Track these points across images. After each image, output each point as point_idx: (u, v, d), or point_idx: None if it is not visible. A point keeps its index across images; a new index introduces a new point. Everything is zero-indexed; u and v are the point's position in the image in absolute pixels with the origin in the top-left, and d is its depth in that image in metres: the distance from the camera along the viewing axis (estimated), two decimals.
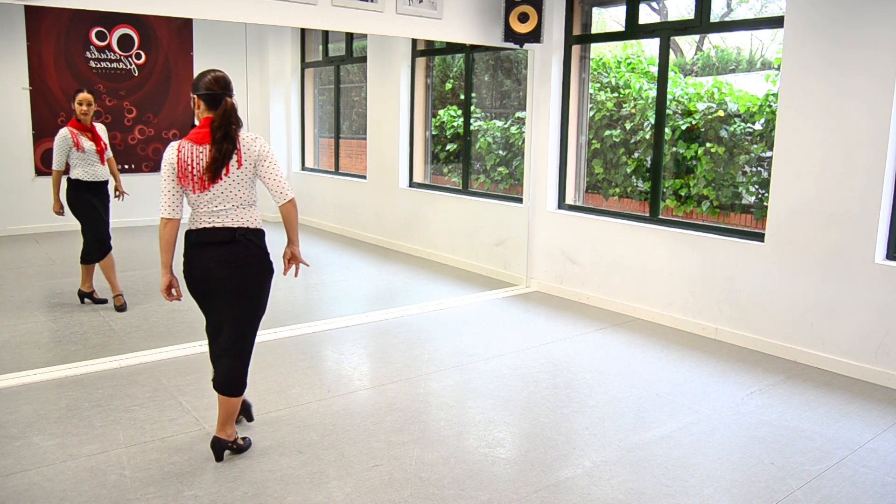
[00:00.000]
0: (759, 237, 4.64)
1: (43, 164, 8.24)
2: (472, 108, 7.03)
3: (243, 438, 3.12)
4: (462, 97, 7.16)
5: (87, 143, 4.93)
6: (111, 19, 8.41)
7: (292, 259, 3.16)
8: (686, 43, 6.77)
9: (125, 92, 8.68)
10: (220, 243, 2.89)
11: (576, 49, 5.83)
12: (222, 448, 3.00)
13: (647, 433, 3.38)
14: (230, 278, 2.91)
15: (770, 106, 5.10)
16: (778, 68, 4.65)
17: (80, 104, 4.89)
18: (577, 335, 4.88)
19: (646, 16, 5.98)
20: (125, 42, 8.60)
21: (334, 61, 8.92)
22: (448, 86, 7.77)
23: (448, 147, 7.58)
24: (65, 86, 8.27)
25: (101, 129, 5.13)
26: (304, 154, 9.65)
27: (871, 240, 4.07)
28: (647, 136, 5.79)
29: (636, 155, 5.95)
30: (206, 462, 3.00)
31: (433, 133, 7.69)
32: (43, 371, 3.94)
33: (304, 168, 9.64)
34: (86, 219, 5.07)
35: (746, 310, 4.68)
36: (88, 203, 5.03)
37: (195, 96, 2.90)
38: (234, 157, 2.86)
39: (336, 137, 9.07)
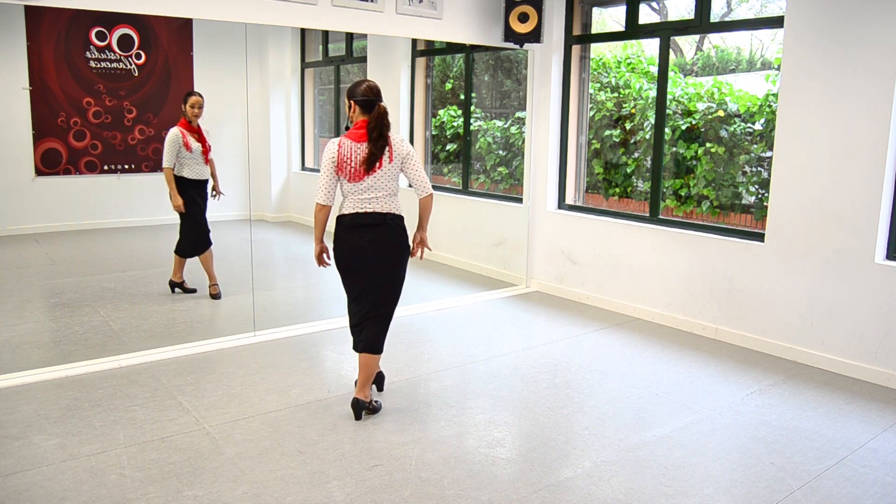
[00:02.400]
0: (759, 237, 4.64)
1: (43, 164, 8.25)
2: (472, 108, 7.03)
3: (376, 401, 3.54)
4: (462, 97, 7.16)
5: (195, 144, 5.21)
6: (111, 19, 8.41)
7: (420, 242, 3.64)
8: (686, 43, 6.77)
9: (125, 92, 8.67)
10: (372, 225, 3.37)
11: (576, 49, 5.83)
12: (361, 408, 3.44)
13: (647, 433, 3.38)
14: (380, 255, 3.38)
15: (770, 106, 5.09)
16: (778, 68, 4.65)
17: (193, 107, 5.20)
18: (577, 335, 4.88)
19: (646, 16, 5.97)
20: (125, 42, 8.60)
21: (334, 61, 8.92)
22: (448, 86, 7.76)
23: (448, 147, 7.57)
24: (65, 86, 8.27)
25: (205, 130, 5.39)
26: (304, 154, 9.65)
27: (871, 240, 4.07)
28: (647, 136, 5.79)
29: (636, 155, 5.95)
30: (206, 462, 3.00)
31: (433, 133, 7.69)
32: (43, 371, 3.94)
33: (304, 168, 9.63)
34: (188, 215, 5.32)
35: (746, 310, 4.68)
36: (192, 200, 5.30)
37: (352, 101, 3.39)
38: (387, 154, 3.35)
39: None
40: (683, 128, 5.58)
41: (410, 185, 3.52)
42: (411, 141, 7.56)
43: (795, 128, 4.34)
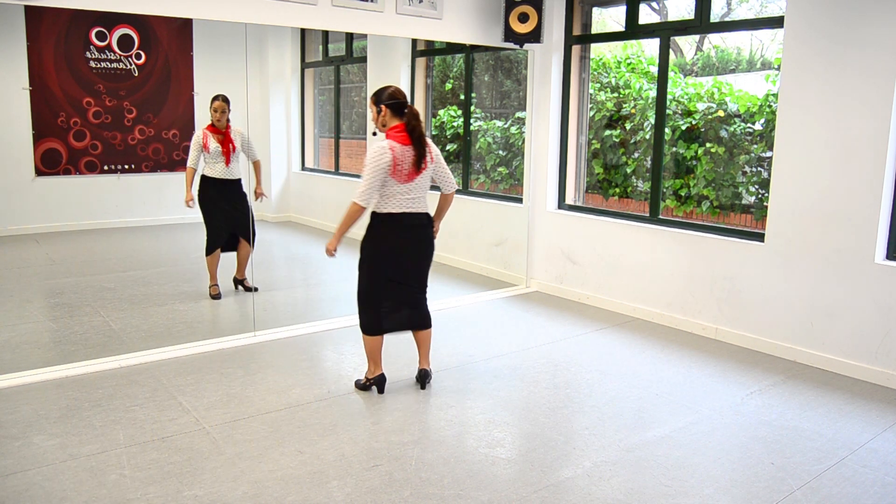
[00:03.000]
0: (759, 237, 4.64)
1: (43, 165, 8.25)
2: (472, 108, 7.03)
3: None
4: (462, 97, 7.16)
5: (214, 145, 5.40)
6: (111, 19, 8.41)
7: (435, 231, 3.85)
8: (686, 43, 6.77)
9: (125, 92, 8.67)
10: (418, 226, 3.63)
11: (576, 49, 5.83)
12: (428, 376, 3.84)
13: (647, 433, 3.38)
14: (421, 252, 3.70)
15: (770, 106, 5.09)
16: (778, 68, 4.65)
17: (216, 111, 5.43)
18: (577, 335, 4.88)
19: (646, 16, 5.97)
20: (125, 42, 8.60)
21: (334, 61, 8.92)
22: (448, 86, 7.76)
23: (448, 147, 7.57)
24: (65, 86, 8.27)
25: (235, 133, 5.57)
26: (304, 154, 9.65)
27: (871, 240, 4.07)
28: (647, 136, 5.79)
29: (636, 155, 5.95)
30: (206, 462, 3.00)
31: (433, 133, 7.69)
32: (43, 371, 3.94)
33: (303, 168, 9.63)
34: (204, 214, 5.51)
35: (746, 310, 4.68)
36: (210, 200, 5.48)
37: (382, 106, 3.54)
38: (428, 154, 3.55)
39: (336, 137, 9.06)
40: (683, 128, 5.58)
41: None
42: None
43: (795, 128, 4.34)
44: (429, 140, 3.62)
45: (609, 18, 6.36)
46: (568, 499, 2.79)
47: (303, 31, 9.29)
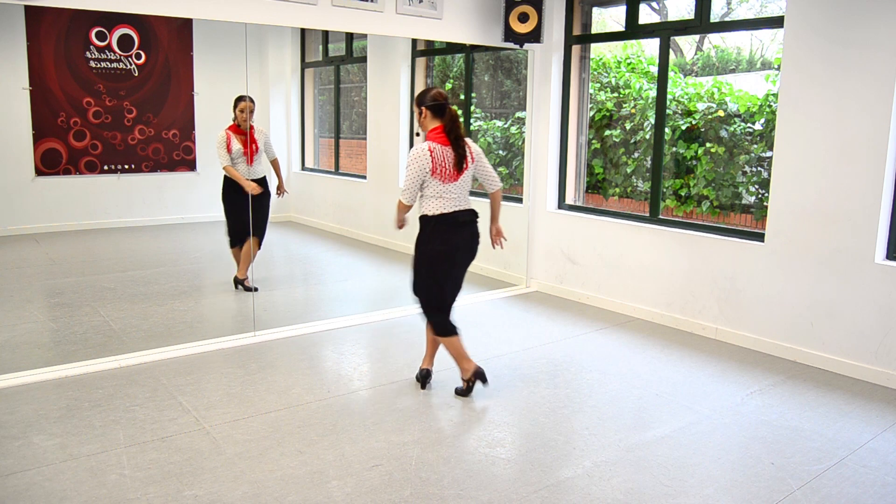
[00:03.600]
0: (759, 237, 4.64)
1: (43, 165, 8.25)
2: (472, 108, 7.03)
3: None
4: (462, 97, 7.16)
5: (237, 146, 5.50)
6: (111, 19, 8.41)
7: (498, 233, 3.90)
8: (686, 43, 6.77)
9: (125, 92, 8.67)
10: (469, 222, 3.68)
11: (576, 49, 5.83)
12: (429, 376, 3.89)
13: (647, 433, 3.38)
14: (473, 247, 3.72)
15: (770, 106, 5.10)
16: (778, 68, 4.65)
17: (242, 112, 5.50)
18: (577, 335, 4.88)
19: (646, 16, 5.97)
20: (125, 42, 8.60)
21: (334, 61, 8.92)
22: (448, 86, 7.76)
23: None
24: (65, 86, 8.27)
25: (259, 132, 5.68)
26: (304, 154, 9.65)
27: (871, 240, 4.07)
28: (647, 136, 5.79)
29: (636, 155, 5.95)
30: (206, 462, 3.00)
31: None
32: (43, 371, 3.94)
33: (304, 168, 9.63)
34: (225, 210, 5.72)
35: (746, 310, 4.68)
36: (231, 198, 5.64)
37: (423, 108, 3.61)
38: (469, 154, 3.62)
39: (336, 137, 9.06)
40: (683, 128, 5.58)
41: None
42: (410, 141, 7.57)
43: (795, 127, 4.34)
44: (469, 140, 3.66)
45: (609, 18, 6.36)
46: (568, 499, 2.79)
47: (303, 31, 9.29)
